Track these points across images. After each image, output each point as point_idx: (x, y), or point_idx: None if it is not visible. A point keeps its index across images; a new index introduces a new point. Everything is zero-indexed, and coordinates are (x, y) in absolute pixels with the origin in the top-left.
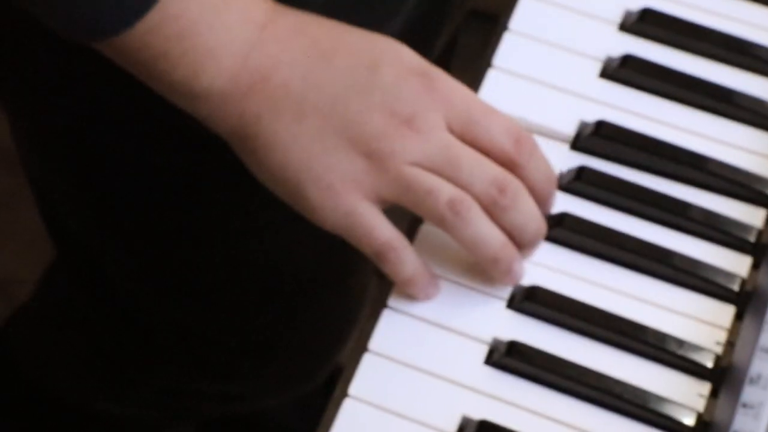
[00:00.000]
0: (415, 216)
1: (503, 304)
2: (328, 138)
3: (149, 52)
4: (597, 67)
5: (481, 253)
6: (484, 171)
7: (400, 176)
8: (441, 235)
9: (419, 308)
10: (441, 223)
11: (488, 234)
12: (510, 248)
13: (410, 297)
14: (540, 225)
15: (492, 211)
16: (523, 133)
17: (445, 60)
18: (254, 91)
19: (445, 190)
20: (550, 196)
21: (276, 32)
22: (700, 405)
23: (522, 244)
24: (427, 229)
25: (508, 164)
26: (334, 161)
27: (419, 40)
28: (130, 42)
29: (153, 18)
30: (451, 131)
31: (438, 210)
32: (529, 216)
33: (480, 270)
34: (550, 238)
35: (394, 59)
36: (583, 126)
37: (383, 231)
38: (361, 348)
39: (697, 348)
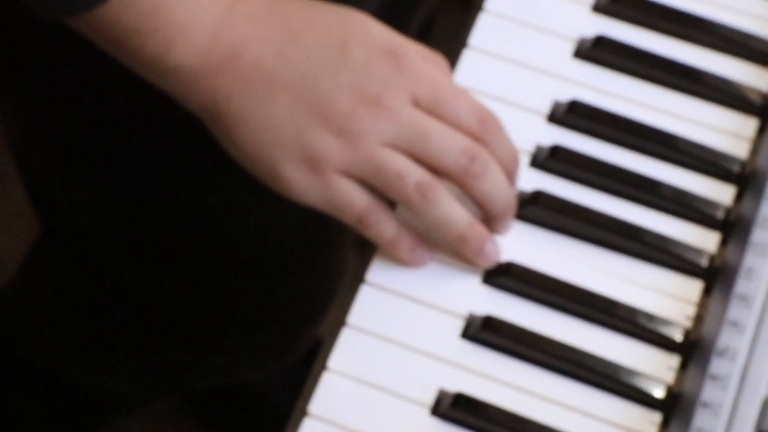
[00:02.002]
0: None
1: (479, 279)
2: (299, 116)
3: (121, 28)
4: (570, 48)
5: (449, 234)
6: (453, 142)
7: (371, 157)
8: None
9: (397, 283)
10: (409, 205)
11: (454, 214)
12: (477, 228)
13: (401, 263)
14: (510, 195)
15: (464, 180)
16: (488, 113)
17: (422, 41)
18: (225, 69)
19: (414, 174)
20: (514, 175)
21: (247, 10)
22: (670, 377)
23: (494, 215)
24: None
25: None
26: (307, 139)
27: (394, 20)
28: (102, 17)
29: None
30: (419, 109)
31: (406, 193)
32: (499, 184)
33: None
34: (525, 216)
35: (364, 38)
36: (556, 105)
37: (362, 198)
38: (340, 322)
39: (667, 322)
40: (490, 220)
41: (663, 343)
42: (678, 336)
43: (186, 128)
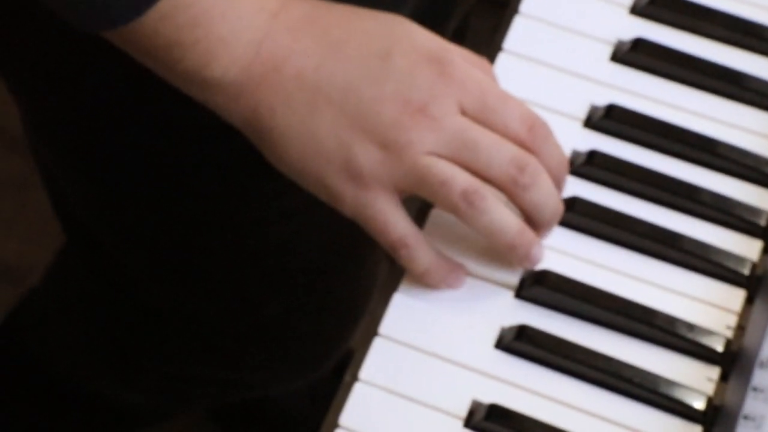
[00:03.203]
0: (425, 201)
1: (514, 288)
2: (342, 130)
3: (161, 41)
4: (608, 51)
5: (498, 241)
6: (502, 151)
7: (416, 167)
8: (450, 221)
9: (429, 292)
10: (456, 213)
11: (504, 221)
12: (527, 233)
13: (427, 286)
14: (558, 203)
15: (512, 190)
16: (537, 119)
17: (456, 44)
18: (267, 82)
19: (459, 181)
20: (562, 182)
21: (288, 21)
22: (710, 389)
23: (541, 224)
24: (436, 214)
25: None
26: (351, 154)
27: (429, 25)
28: (142, 30)
29: (165, 6)
30: (466, 116)
31: (452, 201)
32: (548, 194)
33: (491, 254)
34: (561, 222)
35: (406, 45)
36: (593, 109)
37: (397, 228)
38: (372, 332)
39: (708, 332)
40: (534, 227)
41: (703, 353)
42: (719, 346)
43: (211, 140)
